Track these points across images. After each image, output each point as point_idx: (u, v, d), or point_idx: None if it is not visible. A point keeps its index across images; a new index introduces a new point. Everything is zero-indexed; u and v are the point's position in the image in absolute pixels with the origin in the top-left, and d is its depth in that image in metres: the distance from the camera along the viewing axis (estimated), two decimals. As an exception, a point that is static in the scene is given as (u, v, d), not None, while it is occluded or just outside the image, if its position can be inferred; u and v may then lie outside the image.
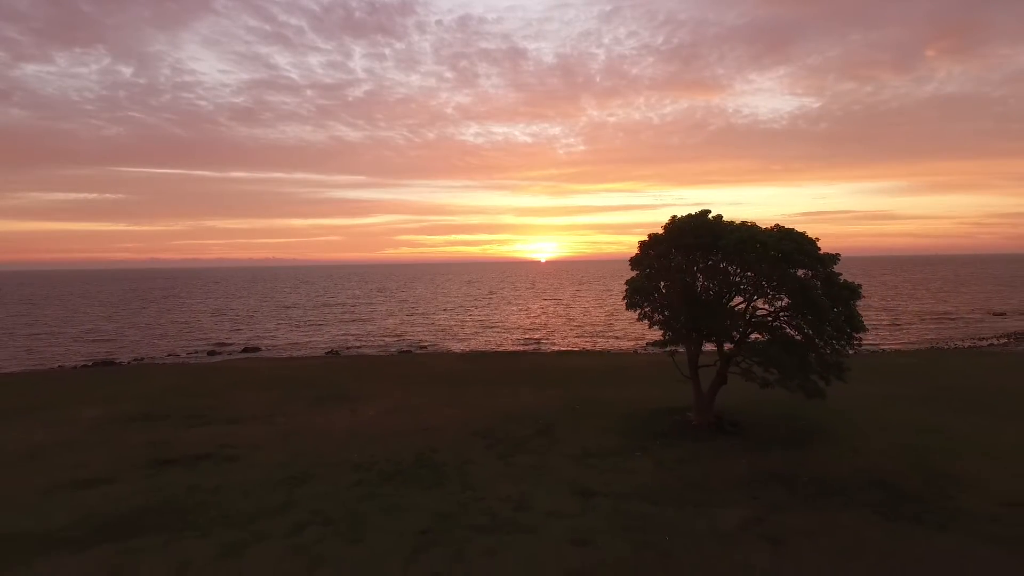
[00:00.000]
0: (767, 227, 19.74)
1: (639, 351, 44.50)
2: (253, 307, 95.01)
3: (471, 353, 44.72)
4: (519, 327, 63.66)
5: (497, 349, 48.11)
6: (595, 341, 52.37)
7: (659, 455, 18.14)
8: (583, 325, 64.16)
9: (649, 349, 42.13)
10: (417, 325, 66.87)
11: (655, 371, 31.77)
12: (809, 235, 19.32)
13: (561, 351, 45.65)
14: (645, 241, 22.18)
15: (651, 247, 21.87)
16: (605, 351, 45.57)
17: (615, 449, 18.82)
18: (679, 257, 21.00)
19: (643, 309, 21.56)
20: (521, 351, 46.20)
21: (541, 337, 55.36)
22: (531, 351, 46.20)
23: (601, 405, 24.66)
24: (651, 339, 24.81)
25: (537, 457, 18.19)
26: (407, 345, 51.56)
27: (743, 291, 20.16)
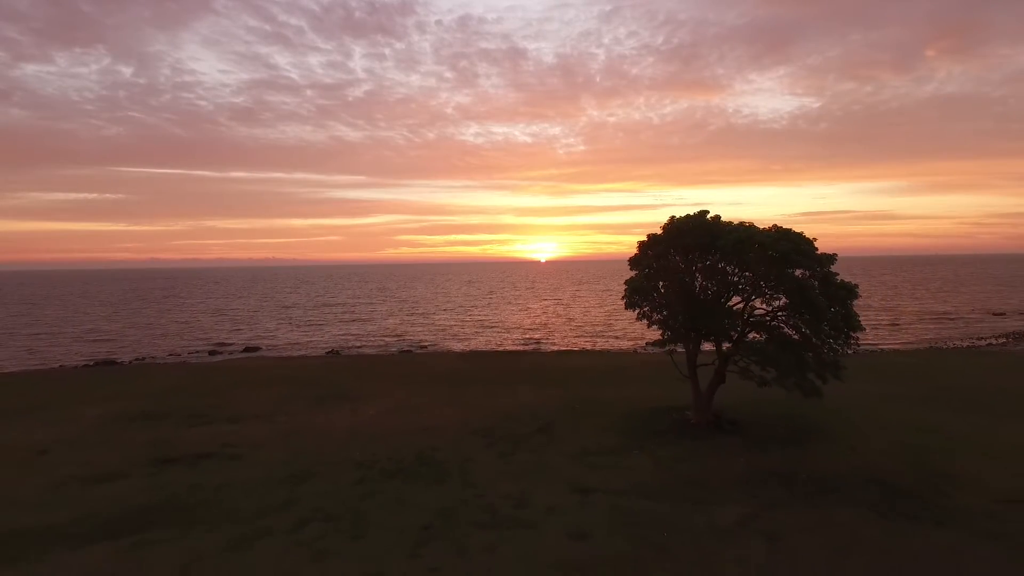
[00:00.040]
0: (765, 227, 19.89)
1: (639, 351, 44.63)
2: (253, 307, 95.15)
3: (471, 353, 44.86)
4: (519, 327, 63.81)
5: (497, 349, 48.25)
6: (595, 341, 52.51)
7: (658, 453, 18.29)
8: (583, 325, 64.30)
9: (648, 349, 42.27)
10: (417, 325, 67.01)
11: (654, 371, 31.92)
12: (808, 235, 19.47)
13: (561, 351, 45.77)
14: (644, 241, 22.34)
15: (650, 247, 22.03)
16: (605, 351, 45.70)
17: (614, 447, 18.97)
18: (678, 257, 21.16)
19: (642, 309, 21.73)
20: (521, 351, 46.33)
21: (541, 337, 55.51)
22: (531, 351, 46.33)
23: (600, 404, 24.81)
24: (650, 339, 24.94)
25: (537, 455, 18.35)
26: (407, 345, 51.71)
27: (741, 291, 20.31)
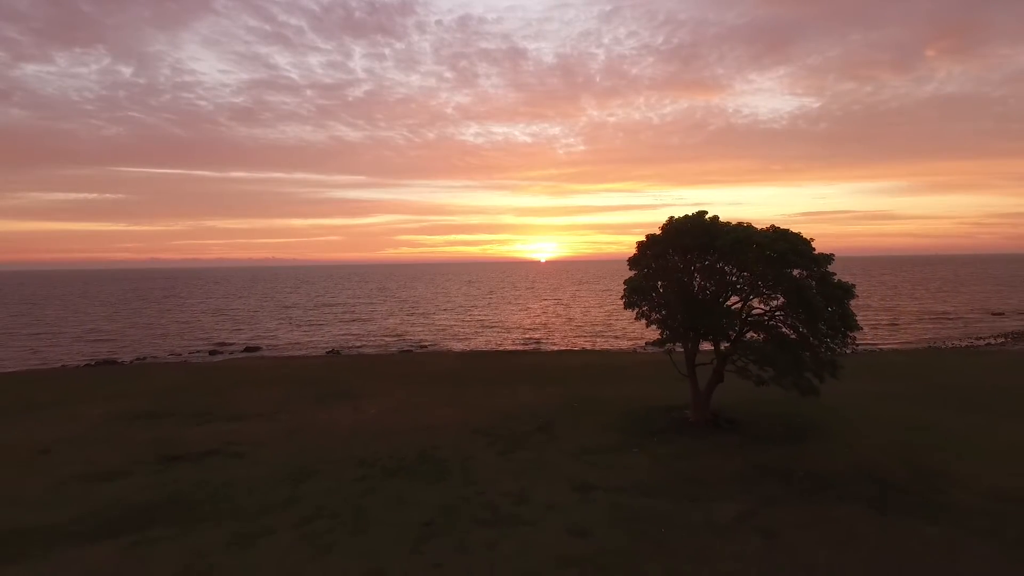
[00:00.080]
0: (763, 228, 20.07)
1: (638, 350, 44.84)
2: (254, 307, 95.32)
3: (471, 352, 45.05)
4: (519, 327, 63.99)
5: (497, 349, 48.42)
6: (594, 341, 52.68)
7: (657, 451, 18.48)
8: (583, 325, 64.47)
9: (648, 348, 42.50)
10: (417, 325, 67.17)
11: (653, 370, 32.10)
12: (807, 235, 19.66)
13: (561, 350, 45.98)
14: (643, 242, 22.52)
15: (649, 247, 22.21)
16: (604, 350, 45.88)
17: (613, 446, 19.16)
18: (676, 257, 21.34)
19: (641, 308, 21.92)
20: (521, 350, 46.52)
21: (541, 337, 55.69)
22: (531, 350, 46.52)
23: (600, 403, 24.99)
24: (650, 339, 25.16)
25: (537, 453, 18.54)
26: (408, 345, 51.88)
27: (739, 290, 20.49)
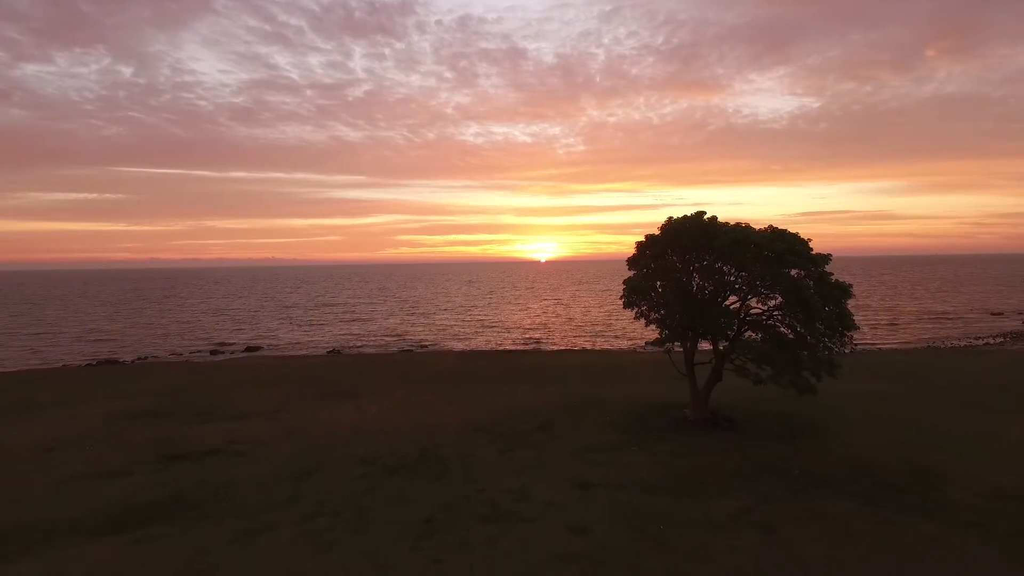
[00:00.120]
0: (761, 228, 20.20)
1: (637, 350, 44.97)
2: (254, 307, 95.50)
3: (472, 352, 45.20)
4: (519, 327, 64.13)
5: (497, 348, 48.56)
6: (594, 340, 52.83)
7: (656, 449, 18.61)
8: (582, 325, 64.63)
9: (647, 348, 42.63)
10: (418, 325, 67.32)
11: (653, 369, 32.23)
12: (806, 235, 19.84)
13: (561, 350, 46.13)
14: (642, 242, 22.66)
15: (648, 248, 22.35)
16: (604, 350, 46.03)
17: (613, 444, 19.29)
18: (675, 257, 21.48)
19: (640, 308, 22.06)
20: (521, 350, 46.67)
21: (541, 336, 55.83)
22: (531, 350, 46.67)
23: (599, 402, 25.12)
24: (649, 338, 25.29)
25: (537, 452, 18.67)
26: (408, 344, 52.02)
27: (737, 290, 20.63)
